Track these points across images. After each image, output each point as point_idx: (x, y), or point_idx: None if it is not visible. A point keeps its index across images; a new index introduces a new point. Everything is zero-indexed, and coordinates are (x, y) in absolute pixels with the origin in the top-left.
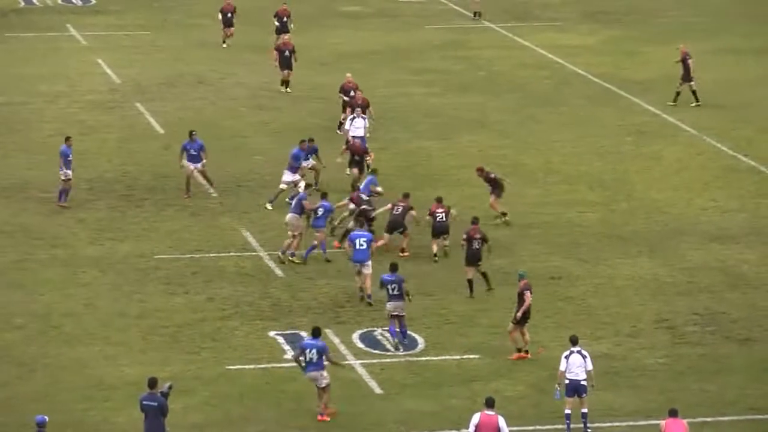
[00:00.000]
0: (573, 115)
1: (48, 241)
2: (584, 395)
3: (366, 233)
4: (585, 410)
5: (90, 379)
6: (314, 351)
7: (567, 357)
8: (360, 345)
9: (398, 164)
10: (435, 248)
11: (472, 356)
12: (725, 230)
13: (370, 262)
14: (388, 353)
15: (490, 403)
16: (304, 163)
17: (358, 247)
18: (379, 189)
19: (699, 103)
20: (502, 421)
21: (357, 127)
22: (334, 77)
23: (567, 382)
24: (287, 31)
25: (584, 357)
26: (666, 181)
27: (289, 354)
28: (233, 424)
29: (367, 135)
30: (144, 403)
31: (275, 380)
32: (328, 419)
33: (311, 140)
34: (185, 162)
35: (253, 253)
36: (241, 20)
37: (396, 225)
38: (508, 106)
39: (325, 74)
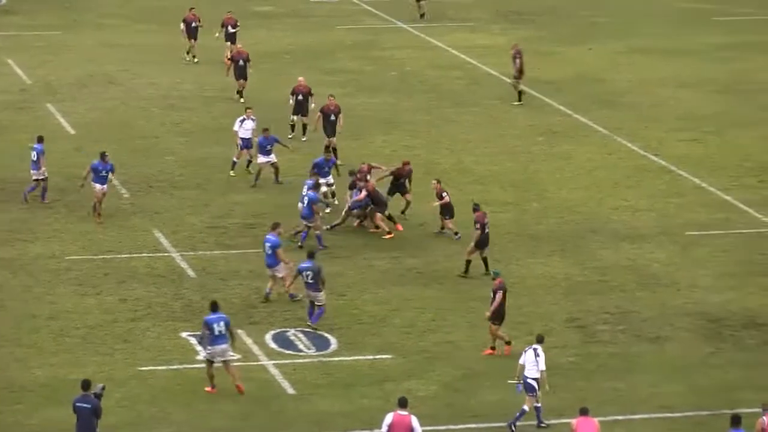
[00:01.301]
0: (485, 115)
1: None
2: (531, 394)
3: (274, 239)
4: (525, 408)
5: (0, 382)
6: (222, 324)
7: (525, 352)
8: (273, 345)
9: (310, 165)
10: None
11: (384, 356)
12: (636, 229)
13: (280, 266)
14: (301, 354)
15: (403, 403)
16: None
17: (265, 251)
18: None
19: (522, 103)
20: (415, 421)
21: (246, 129)
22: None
23: (522, 379)
24: (234, 40)
25: (537, 356)
26: (577, 181)
27: (202, 355)
28: (145, 425)
29: (255, 138)
30: (77, 405)
31: (187, 381)
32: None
33: (327, 148)
34: (95, 184)
35: (165, 254)
36: (157, 20)
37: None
38: (420, 106)
39: None
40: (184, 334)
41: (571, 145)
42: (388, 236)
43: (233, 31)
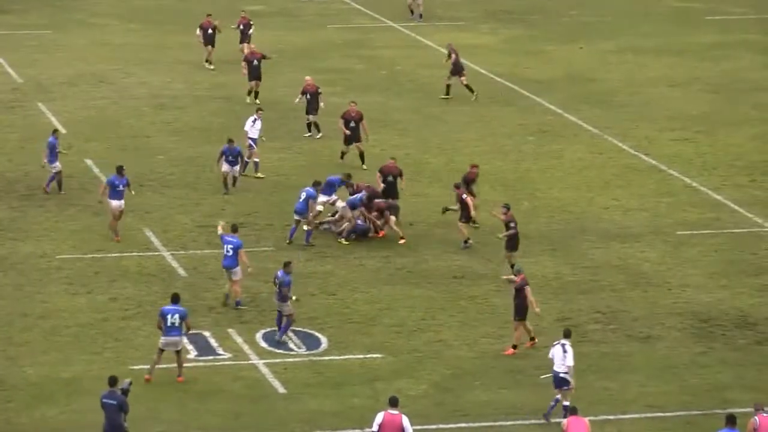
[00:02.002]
0: (475, 114)
1: None
2: (564, 388)
3: (236, 240)
4: (566, 403)
5: None
6: (177, 316)
7: (554, 347)
8: (263, 344)
9: (301, 164)
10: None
11: (375, 355)
12: (626, 229)
13: (238, 268)
14: (292, 353)
15: (393, 402)
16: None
17: (225, 252)
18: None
19: (449, 97)
20: (405, 421)
21: (256, 129)
22: (237, 77)
23: (551, 373)
24: (248, 41)
25: (565, 351)
26: (568, 180)
27: (193, 354)
28: (136, 424)
29: (263, 138)
30: (104, 401)
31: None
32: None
33: (348, 176)
34: (111, 201)
35: (156, 253)
36: (148, 19)
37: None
38: (410, 105)
39: (228, 73)
40: None
41: (562, 144)
42: (380, 234)
43: (247, 30)
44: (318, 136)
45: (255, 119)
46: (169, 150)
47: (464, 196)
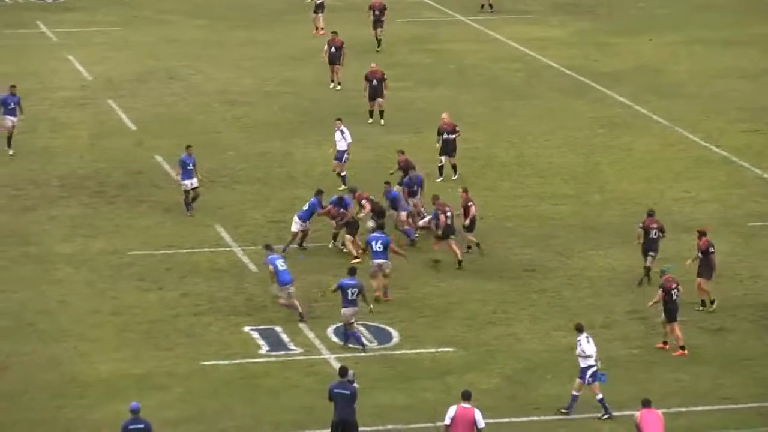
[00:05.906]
0: (545, 107)
1: (20, 238)
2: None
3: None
4: (577, 394)
5: (64, 376)
6: None
7: (586, 342)
8: (335, 339)
9: (370, 158)
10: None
11: (446, 349)
12: (697, 221)
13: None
14: (363, 347)
15: (466, 396)
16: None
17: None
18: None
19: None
20: (478, 414)
21: (337, 140)
22: (305, 71)
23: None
24: (381, 26)
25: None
26: (638, 173)
27: (264, 349)
28: (208, 419)
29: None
30: (335, 391)
31: (250, 375)
32: None
33: (387, 183)
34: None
35: (227, 249)
36: (208, 15)
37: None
38: (479, 99)
39: (296, 69)
40: (246, 329)
41: (632, 136)
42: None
43: (381, 16)
44: (454, 177)
45: (342, 130)
46: (239, 146)
47: (470, 203)
